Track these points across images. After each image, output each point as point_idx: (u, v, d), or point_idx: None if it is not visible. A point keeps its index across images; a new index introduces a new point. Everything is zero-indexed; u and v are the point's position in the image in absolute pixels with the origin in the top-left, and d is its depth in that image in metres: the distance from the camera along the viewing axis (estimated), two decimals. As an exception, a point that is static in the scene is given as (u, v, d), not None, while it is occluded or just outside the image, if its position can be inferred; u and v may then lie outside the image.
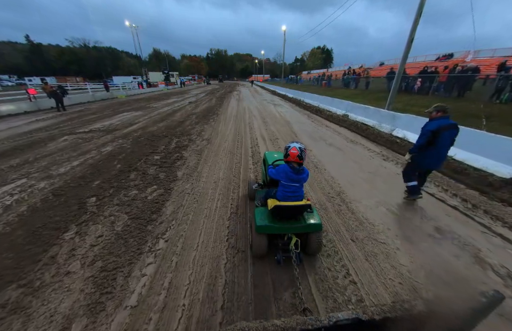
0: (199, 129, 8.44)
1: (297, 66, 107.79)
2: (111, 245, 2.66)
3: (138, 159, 5.37)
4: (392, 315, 0.84)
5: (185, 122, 9.87)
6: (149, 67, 69.29)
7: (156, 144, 6.60)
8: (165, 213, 3.27)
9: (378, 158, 5.73)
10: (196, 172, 4.70)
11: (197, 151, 5.99)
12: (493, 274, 2.36)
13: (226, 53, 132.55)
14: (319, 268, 2.38)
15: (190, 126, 8.99)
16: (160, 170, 4.77)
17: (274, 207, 2.26)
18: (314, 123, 10.19)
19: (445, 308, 0.83)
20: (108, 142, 6.83)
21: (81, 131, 8.35)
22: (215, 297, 2.06)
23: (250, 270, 2.34)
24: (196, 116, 11.34)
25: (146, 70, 40.58)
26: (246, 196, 3.72)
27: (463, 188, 4.22)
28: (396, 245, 2.72)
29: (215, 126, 9.12)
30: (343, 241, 2.79)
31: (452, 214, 3.41)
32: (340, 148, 6.54)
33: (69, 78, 47.51)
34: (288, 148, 2.31)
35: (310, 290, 2.15)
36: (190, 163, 5.14)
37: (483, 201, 3.79)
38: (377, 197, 3.84)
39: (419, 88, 13.59)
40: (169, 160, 5.32)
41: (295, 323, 0.81)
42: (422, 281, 2.24)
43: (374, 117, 9.27)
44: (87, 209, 3.40)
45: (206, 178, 4.44)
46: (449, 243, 2.78)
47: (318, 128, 9.06)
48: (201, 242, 2.71)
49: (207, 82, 61.70)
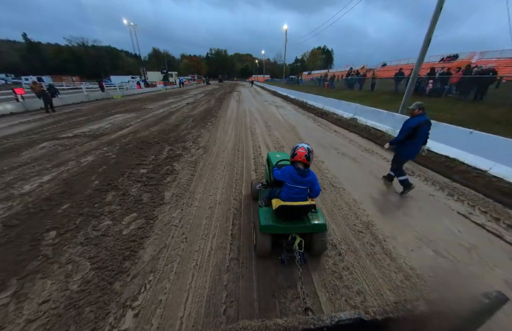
0: (195, 135, 7.62)
1: (297, 66, 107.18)
2: (56, 320, 1.83)
3: (121, 174, 4.55)
4: (394, 315, 0.82)
5: (180, 126, 9.03)
6: (148, 66, 68.55)
7: (144, 153, 5.78)
8: (141, 259, 2.44)
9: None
10: (187, 192, 3.87)
11: (191, 163, 5.16)
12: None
13: (226, 53, 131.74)
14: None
15: (185, 131, 8.16)
16: (145, 189, 3.95)
17: (279, 207, 2.25)
18: (321, 128, 9.37)
19: (447, 309, 0.82)
20: (91, 151, 6.00)
21: (65, 136, 7.52)
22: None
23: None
24: (192, 119, 10.51)
25: (144, 70, 39.74)
26: (250, 236, 2.90)
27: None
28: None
29: (213, 131, 8.30)
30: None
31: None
32: (354, 158, 5.73)
33: (64, 77, 46.53)
34: (296, 148, 2.29)
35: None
36: (182, 179, 4.31)
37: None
38: (415, 230, 3.03)
39: (430, 90, 12.79)
40: (157, 175, 4.49)
41: (297, 322, 0.79)
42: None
43: (388, 122, 8.46)
44: (40, 250, 2.57)
45: (200, 201, 3.62)
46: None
47: (327, 134, 8.24)
48: (186, 316, 1.88)
49: (206, 82, 60.81)
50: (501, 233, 3.04)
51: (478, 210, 3.58)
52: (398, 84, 14.97)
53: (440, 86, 12.89)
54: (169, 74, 45.33)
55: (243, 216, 3.25)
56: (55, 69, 71.38)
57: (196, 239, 2.76)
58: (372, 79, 17.94)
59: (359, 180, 4.53)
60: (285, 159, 2.99)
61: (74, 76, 51.53)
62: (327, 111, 12.53)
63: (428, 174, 4.93)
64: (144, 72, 38.88)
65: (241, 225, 3.06)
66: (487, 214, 3.47)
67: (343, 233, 2.95)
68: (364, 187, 4.21)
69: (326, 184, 4.28)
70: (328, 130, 8.95)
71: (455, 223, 3.20)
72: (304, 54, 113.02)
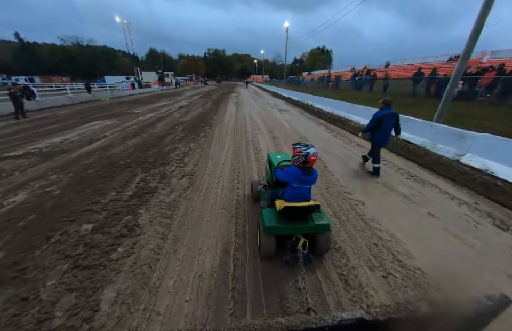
0: (182, 152, 5.87)
1: (296, 67, 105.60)
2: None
3: (50, 231, 2.82)
4: (396, 316, 0.81)
5: (166, 138, 7.28)
6: (146, 66, 66.63)
7: (104, 186, 4.03)
8: None
9: (487, 225, 3.20)
10: (146, 289, 2.12)
11: (166, 208, 3.41)
12: None
13: (224, 53, 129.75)
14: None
15: (170, 146, 6.40)
16: (71, 280, 2.19)
17: (284, 208, 2.24)
18: (339, 139, 7.66)
19: (449, 310, 0.82)
20: (31, 181, 4.25)
21: (12, 154, 5.75)
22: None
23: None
24: (182, 128, 8.75)
25: (138, 70, 37.82)
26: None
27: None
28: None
29: (205, 145, 6.55)
30: None
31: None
32: (405, 195, 4.00)
33: (54, 78, 44.35)
34: (308, 155, 2.22)
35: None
36: (143, 252, 2.54)
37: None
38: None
39: (459, 92, 11.11)
40: (106, 237, 2.74)
41: (299, 321, 0.78)
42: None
43: (424, 133, 6.76)
44: None
45: (167, 314, 1.89)
46: None
47: (350, 150, 6.51)
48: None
49: (204, 83, 58.87)
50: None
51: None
52: (417, 85, 13.28)
53: (468, 88, 11.23)
54: (165, 74, 43.48)
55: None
56: (51, 69, 69.29)
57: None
58: (385, 80, 16.19)
59: (437, 246, 2.80)
60: (286, 160, 3.02)
61: (65, 76, 49.21)
62: (340, 117, 10.83)
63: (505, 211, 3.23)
64: (138, 72, 36.97)
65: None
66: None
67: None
68: (457, 265, 2.50)
69: (387, 260, 2.55)
70: (348, 142, 7.24)
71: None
72: (303, 54, 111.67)
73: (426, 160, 5.51)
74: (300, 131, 8.73)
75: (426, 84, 12.75)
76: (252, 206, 3.48)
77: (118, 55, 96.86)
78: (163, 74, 41.94)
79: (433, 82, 12.61)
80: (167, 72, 45.51)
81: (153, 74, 42.36)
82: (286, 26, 31.32)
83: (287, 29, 31.37)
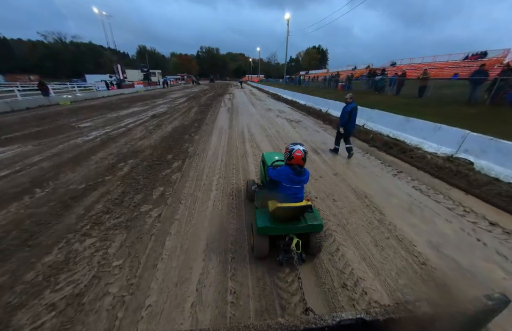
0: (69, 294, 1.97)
1: (292, 66, 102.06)
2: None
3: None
4: (396, 316, 0.78)
5: (70, 213, 3.34)
6: (135, 65, 61.65)
7: None
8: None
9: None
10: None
11: None
12: None
13: (218, 52, 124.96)
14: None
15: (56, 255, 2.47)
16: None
17: (276, 209, 2.19)
18: (432, 200, 3.85)
19: (449, 310, 0.80)
20: None
21: None
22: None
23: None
24: (127, 171, 4.78)
25: (119, 67, 33.30)
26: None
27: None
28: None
29: (157, 234, 2.64)
30: None
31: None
32: None
33: (20, 76, 39.17)
34: (292, 151, 2.25)
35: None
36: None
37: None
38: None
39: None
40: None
41: (298, 322, 0.76)
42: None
43: None
44: None
45: None
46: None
47: (477, 235, 2.71)
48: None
49: (196, 82, 54.41)
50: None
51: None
52: (478, 89, 9.66)
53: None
54: (151, 73, 39.10)
55: None
56: (32, 67, 63.48)
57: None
58: (421, 81, 12.47)
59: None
60: (281, 159, 2.97)
61: (33, 75, 43.77)
62: (387, 136, 7.05)
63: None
64: (118, 69, 32.46)
65: None
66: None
67: None
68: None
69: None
70: (462, 212, 3.43)
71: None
72: (299, 53, 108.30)
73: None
74: (345, 177, 4.89)
75: (492, 86, 9.13)
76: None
77: (105, 52, 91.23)
78: (149, 72, 37.54)
79: (500, 85, 8.98)
80: (153, 71, 41.11)
81: (137, 72, 37.94)
82: (287, 18, 27.46)
83: (288, 21, 27.52)
